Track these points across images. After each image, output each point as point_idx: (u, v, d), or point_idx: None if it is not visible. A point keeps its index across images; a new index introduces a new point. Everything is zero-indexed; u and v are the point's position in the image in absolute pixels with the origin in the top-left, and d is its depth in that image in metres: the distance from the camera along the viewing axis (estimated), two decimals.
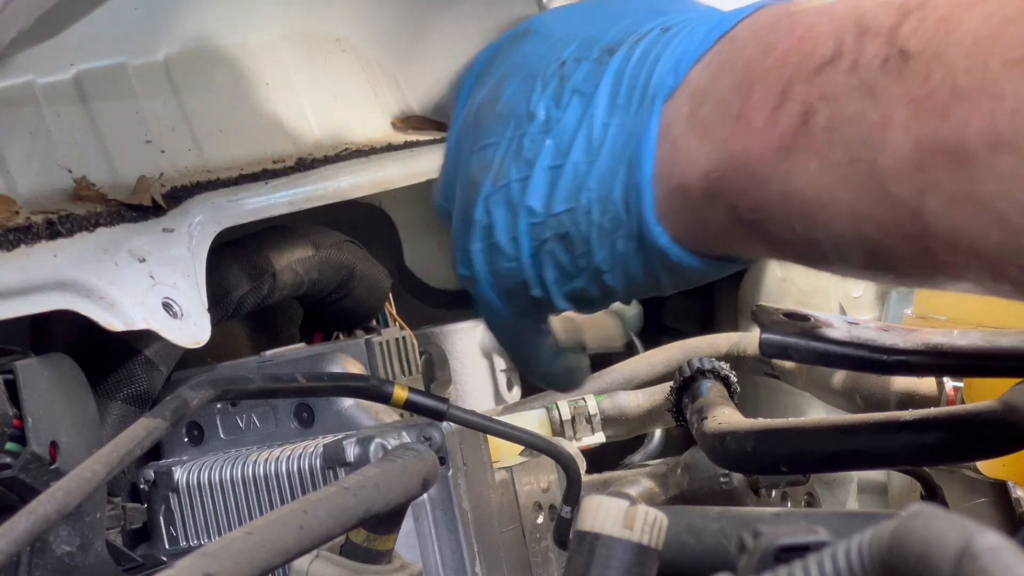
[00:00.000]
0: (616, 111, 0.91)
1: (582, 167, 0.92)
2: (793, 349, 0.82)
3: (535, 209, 0.94)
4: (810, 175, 0.79)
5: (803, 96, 0.80)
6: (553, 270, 0.95)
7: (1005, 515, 1.30)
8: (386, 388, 1.02)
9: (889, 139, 0.75)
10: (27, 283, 1.00)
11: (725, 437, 1.06)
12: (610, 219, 0.91)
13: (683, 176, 0.87)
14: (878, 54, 0.76)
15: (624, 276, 0.93)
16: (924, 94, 0.73)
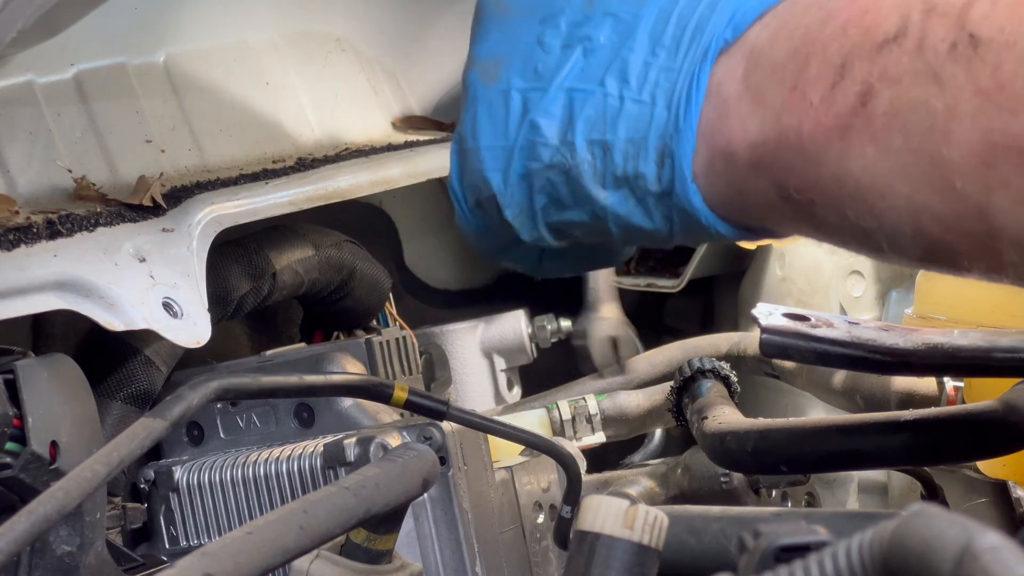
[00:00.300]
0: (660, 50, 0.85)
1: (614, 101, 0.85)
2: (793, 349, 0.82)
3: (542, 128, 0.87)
4: (867, 160, 0.76)
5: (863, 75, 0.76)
6: (544, 197, 0.88)
7: (1005, 515, 1.30)
8: (386, 388, 1.02)
9: (955, 130, 0.71)
10: (27, 283, 1.00)
11: (725, 437, 1.07)
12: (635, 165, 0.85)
13: (729, 141, 0.82)
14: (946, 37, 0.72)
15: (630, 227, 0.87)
16: (994, 86, 0.70)
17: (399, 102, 1.50)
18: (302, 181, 1.23)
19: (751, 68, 0.82)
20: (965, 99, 0.71)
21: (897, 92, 0.74)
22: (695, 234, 0.87)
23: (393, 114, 1.47)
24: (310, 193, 1.22)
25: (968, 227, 0.73)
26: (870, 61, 0.75)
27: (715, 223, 0.85)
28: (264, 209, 1.18)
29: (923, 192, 0.74)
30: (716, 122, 0.83)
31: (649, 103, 0.84)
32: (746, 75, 0.82)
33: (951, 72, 0.71)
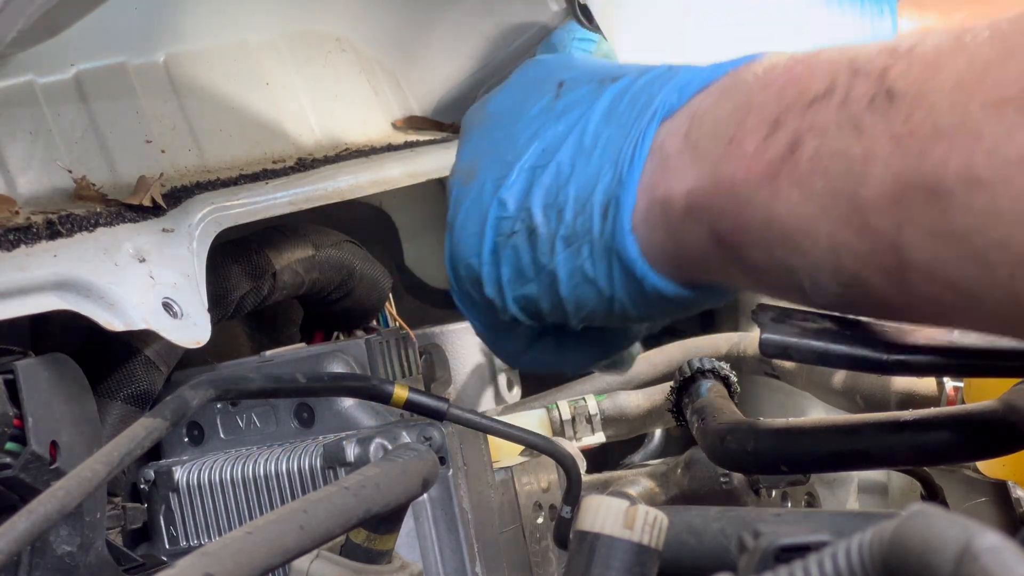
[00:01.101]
0: (612, 121, 0.92)
1: (566, 168, 0.93)
2: (793, 349, 0.82)
3: (507, 203, 0.95)
4: (792, 203, 0.81)
5: (794, 127, 0.82)
6: (510, 269, 0.95)
7: (1005, 515, 1.30)
8: (386, 388, 1.02)
9: (870, 172, 0.77)
10: (27, 283, 1.00)
11: (725, 437, 1.06)
12: (583, 220, 0.91)
13: (668, 190, 0.88)
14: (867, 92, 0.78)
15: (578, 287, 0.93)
16: (906, 131, 0.75)
17: (399, 102, 1.50)
18: (302, 181, 1.23)
19: (693, 127, 0.89)
20: (880, 144, 0.76)
21: (822, 141, 0.80)
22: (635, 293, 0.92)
23: (393, 114, 1.47)
24: (310, 193, 1.22)
25: (882, 262, 0.78)
26: (800, 116, 0.82)
27: (650, 274, 0.90)
28: (264, 209, 1.18)
29: (842, 231, 0.79)
30: (656, 175, 0.89)
31: (597, 165, 0.91)
32: (687, 133, 0.89)
33: (869, 122, 0.77)
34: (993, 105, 0.72)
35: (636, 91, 0.93)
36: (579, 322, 0.97)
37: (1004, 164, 0.71)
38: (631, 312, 0.94)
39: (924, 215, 0.75)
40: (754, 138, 0.84)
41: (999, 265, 0.73)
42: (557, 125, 0.95)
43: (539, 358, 1.04)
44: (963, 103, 0.73)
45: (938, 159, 0.74)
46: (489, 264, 0.96)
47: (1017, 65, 0.72)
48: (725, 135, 0.86)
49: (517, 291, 0.96)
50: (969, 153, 0.72)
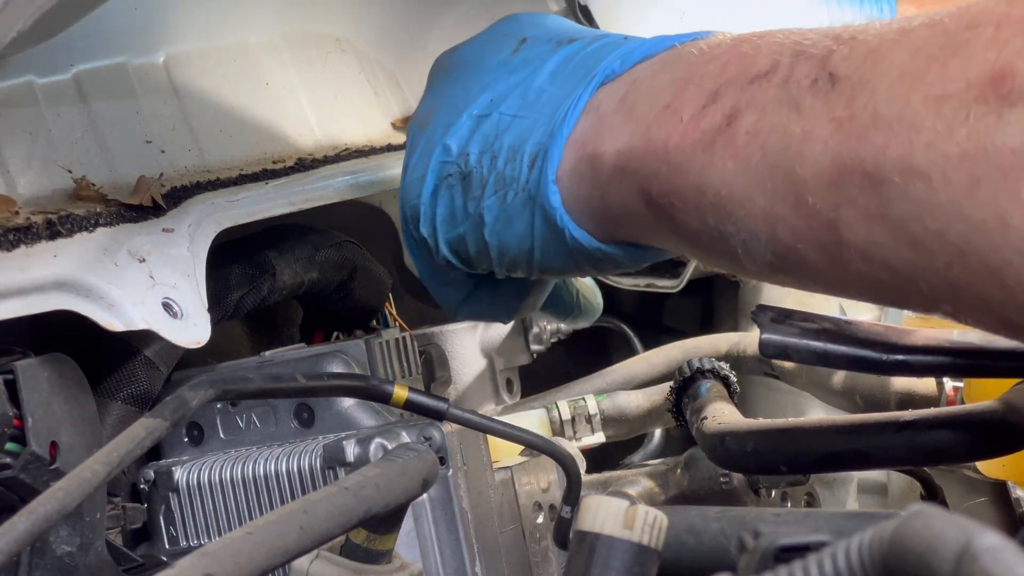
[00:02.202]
0: (557, 80, 0.96)
1: (506, 118, 0.97)
2: (793, 349, 0.82)
3: (450, 148, 0.99)
4: (726, 172, 0.83)
5: (733, 100, 0.84)
6: (444, 209, 1.00)
7: (1005, 515, 1.30)
8: (386, 388, 1.02)
9: (808, 152, 0.78)
10: (27, 283, 1.00)
11: (725, 437, 1.06)
12: (512, 168, 0.95)
13: (598, 147, 0.91)
14: (809, 74, 0.80)
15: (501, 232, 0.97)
16: (846, 115, 0.77)
17: (399, 103, 1.50)
18: (302, 181, 1.23)
19: (630, 91, 0.92)
20: (820, 125, 0.78)
21: (760, 116, 0.82)
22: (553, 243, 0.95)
23: (393, 115, 1.47)
24: (310, 193, 1.22)
25: (819, 238, 0.80)
26: (740, 90, 0.84)
27: (569, 225, 0.94)
28: (264, 209, 1.18)
29: (778, 205, 0.81)
30: (588, 132, 0.93)
31: (534, 119, 0.96)
32: (624, 96, 0.92)
33: (810, 103, 0.79)
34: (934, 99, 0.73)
35: (584, 55, 0.96)
36: (503, 269, 1.01)
37: (943, 158, 0.72)
38: (549, 262, 0.97)
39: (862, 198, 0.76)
40: (691, 107, 0.86)
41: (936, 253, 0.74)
42: (509, 78, 0.99)
43: (475, 308, 1.09)
44: (904, 94, 0.74)
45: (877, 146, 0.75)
46: (427, 205, 1.01)
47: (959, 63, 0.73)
48: (661, 100, 0.88)
49: (449, 233, 1.00)
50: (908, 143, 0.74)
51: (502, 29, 1.05)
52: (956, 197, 0.72)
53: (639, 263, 0.98)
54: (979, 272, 0.72)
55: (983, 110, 0.71)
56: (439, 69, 1.07)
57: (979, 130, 0.71)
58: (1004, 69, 0.70)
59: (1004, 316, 0.74)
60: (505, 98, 0.98)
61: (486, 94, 0.99)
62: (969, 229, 0.72)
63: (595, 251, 0.95)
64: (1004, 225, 0.70)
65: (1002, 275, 0.71)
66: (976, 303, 0.75)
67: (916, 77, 0.74)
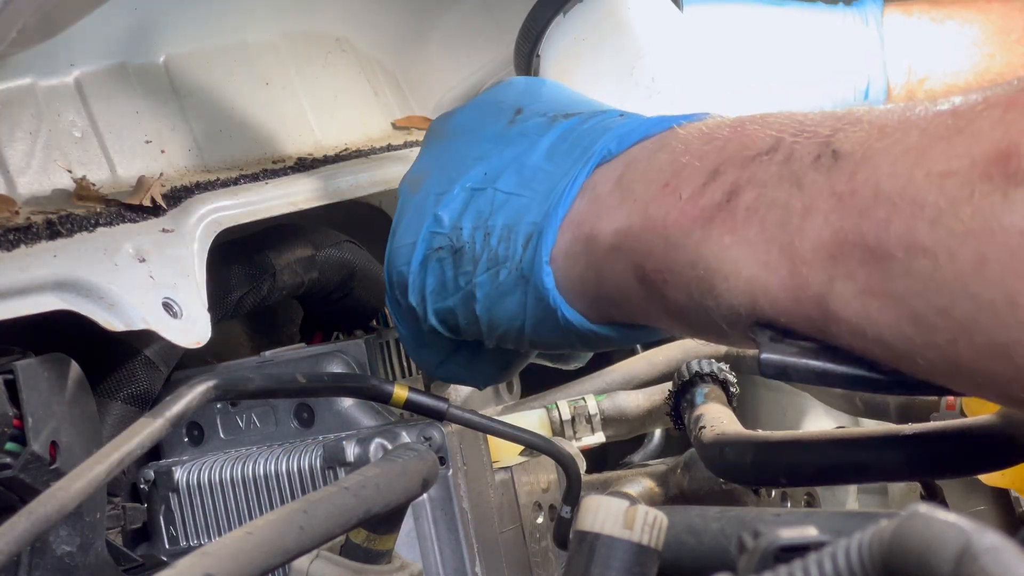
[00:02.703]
0: (553, 158, 0.95)
1: (501, 195, 0.96)
2: (792, 369, 0.82)
3: (442, 219, 0.98)
4: (721, 247, 0.82)
5: (733, 177, 0.83)
6: (434, 280, 0.99)
7: (1005, 515, 1.30)
8: (386, 388, 1.02)
9: (809, 225, 0.78)
10: (27, 283, 1.00)
11: (724, 448, 1.06)
12: (506, 247, 0.95)
13: (594, 227, 0.91)
14: (811, 151, 0.80)
15: (492, 308, 0.96)
16: (847, 190, 0.76)
17: (399, 102, 1.50)
18: (302, 181, 1.23)
19: (627, 172, 0.91)
20: (821, 200, 0.78)
21: (761, 192, 0.81)
22: (545, 322, 0.95)
23: (393, 114, 1.47)
24: (310, 193, 1.22)
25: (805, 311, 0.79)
26: (741, 168, 0.83)
27: (562, 306, 0.93)
28: (264, 209, 1.18)
29: (765, 276, 0.80)
30: (584, 213, 0.92)
31: (529, 198, 0.95)
32: (621, 177, 0.91)
33: (812, 179, 0.79)
34: (937, 175, 0.72)
35: (580, 133, 0.96)
36: (493, 341, 1.00)
37: (948, 235, 0.72)
38: (541, 339, 0.97)
39: (861, 273, 0.76)
40: (690, 185, 0.85)
41: (939, 330, 0.73)
42: (504, 152, 0.98)
43: (452, 371, 1.08)
44: (907, 170, 0.74)
45: (880, 221, 0.74)
46: (416, 274, 1.00)
47: (964, 141, 0.72)
48: (660, 180, 0.88)
49: (438, 304, 1.00)
50: (911, 219, 0.73)
51: (498, 96, 1.04)
52: (962, 275, 0.71)
53: (631, 343, 0.98)
54: (985, 350, 0.72)
55: (988, 188, 0.70)
56: (434, 133, 1.07)
57: (985, 209, 0.70)
58: (1010, 148, 0.70)
59: (1011, 393, 0.73)
60: (500, 173, 0.97)
61: (480, 166, 0.99)
62: (976, 307, 0.71)
63: (587, 332, 0.94)
64: (1014, 305, 0.70)
65: (1010, 353, 0.71)
66: (979, 380, 0.74)
67: (920, 154, 0.74)
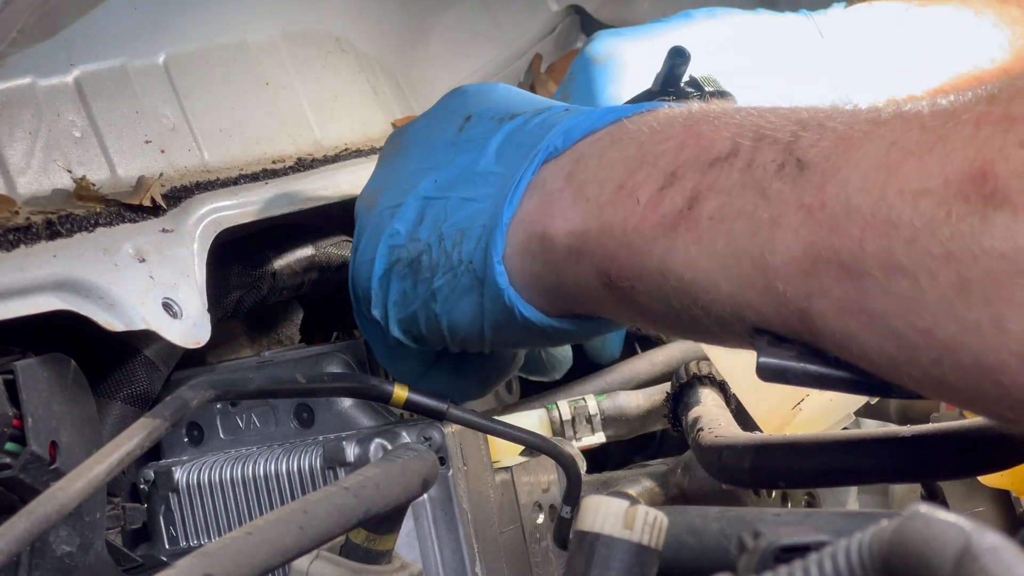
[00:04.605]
0: (501, 160, 0.95)
1: (454, 201, 0.96)
2: (791, 373, 0.81)
3: (399, 232, 0.99)
4: (690, 259, 0.81)
5: (692, 184, 0.82)
6: (396, 292, 1.00)
7: (1005, 515, 1.30)
8: (386, 388, 1.02)
9: (779, 239, 0.76)
10: (27, 283, 1.00)
11: (722, 452, 1.06)
12: (459, 251, 0.95)
13: (548, 227, 0.90)
14: (775, 159, 0.78)
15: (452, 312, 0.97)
16: (816, 204, 0.75)
17: (399, 102, 1.50)
18: (302, 181, 1.23)
19: (577, 169, 0.90)
20: (790, 212, 0.76)
21: (724, 201, 0.80)
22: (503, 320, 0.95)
23: (393, 114, 1.47)
24: (310, 193, 1.22)
25: (792, 326, 0.78)
26: (700, 173, 0.81)
27: (518, 303, 0.93)
28: (264, 209, 1.18)
29: (746, 292, 0.79)
30: (535, 212, 0.92)
31: (481, 200, 0.95)
32: (571, 174, 0.90)
33: (777, 188, 0.77)
34: (911, 194, 0.71)
35: (526, 132, 0.96)
36: (456, 346, 1.00)
37: (927, 257, 0.70)
38: (501, 339, 0.97)
39: (837, 289, 0.74)
40: (647, 188, 0.84)
41: (922, 350, 0.72)
42: (454, 160, 0.98)
43: (434, 383, 1.08)
44: (879, 186, 0.73)
45: (853, 238, 0.73)
46: (378, 288, 1.00)
47: (937, 158, 0.71)
48: (613, 181, 0.87)
49: (400, 313, 1.00)
50: (886, 238, 0.72)
51: (449, 105, 1.04)
52: (945, 297, 0.70)
53: (594, 335, 0.97)
54: (972, 370, 0.71)
55: (965, 210, 0.69)
56: (389, 148, 1.07)
57: (964, 231, 0.69)
58: (985, 168, 0.69)
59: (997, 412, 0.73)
60: (452, 182, 0.97)
61: (432, 175, 0.99)
62: (960, 329, 0.70)
63: (547, 327, 0.94)
64: (1000, 328, 0.69)
65: (997, 375, 0.70)
66: (964, 397, 0.74)
67: (891, 170, 0.72)
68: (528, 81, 1.64)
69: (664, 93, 1.25)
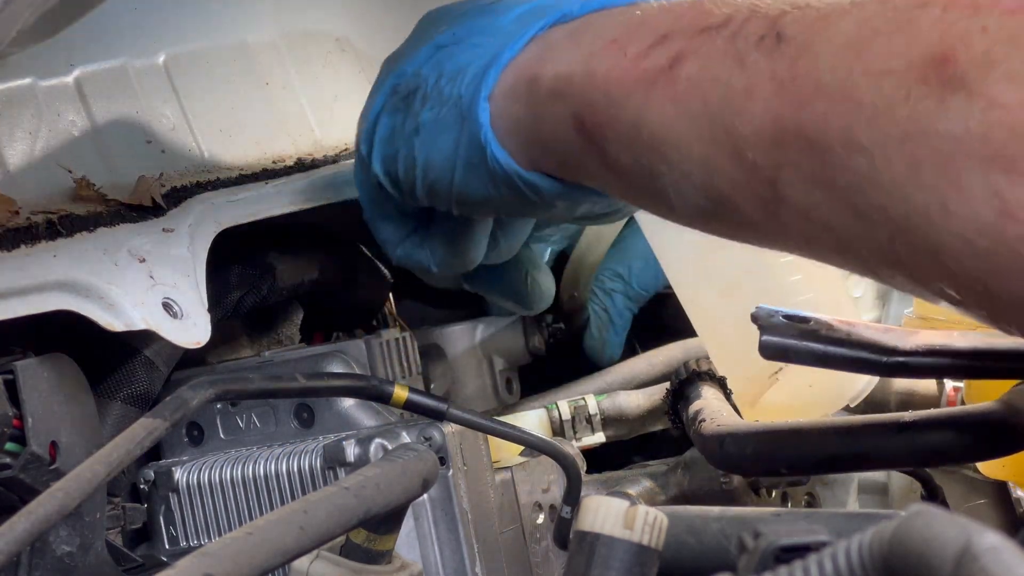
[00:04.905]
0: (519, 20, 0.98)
1: (462, 47, 0.99)
2: (792, 351, 0.82)
3: (406, 71, 1.02)
4: (665, 115, 0.83)
5: (679, 46, 0.84)
6: (386, 128, 1.02)
7: (1006, 515, 1.30)
8: (386, 388, 1.02)
9: (750, 109, 0.78)
10: (27, 283, 1.00)
11: (724, 440, 1.06)
12: (452, 86, 0.97)
13: (538, 69, 0.93)
14: (757, 31, 0.80)
15: (429, 148, 0.98)
16: (788, 77, 0.77)
17: None
18: (302, 181, 1.23)
19: (581, 27, 0.93)
20: (762, 83, 0.78)
21: (704, 64, 0.82)
22: (475, 162, 0.96)
23: None
24: (310, 193, 1.22)
25: (757, 192, 0.80)
26: (688, 38, 0.84)
27: (492, 142, 0.95)
28: (264, 209, 1.18)
29: (717, 156, 0.81)
30: (531, 58, 0.94)
31: (485, 47, 0.97)
32: (574, 31, 0.93)
33: (754, 59, 0.79)
34: (875, 74, 0.73)
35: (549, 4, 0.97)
36: (425, 193, 1.01)
37: (884, 137, 0.72)
38: (468, 189, 0.98)
39: (803, 162, 0.76)
40: (637, 45, 0.86)
41: (879, 226, 0.74)
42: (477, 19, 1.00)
43: (408, 251, 1.10)
44: (846, 65, 0.74)
45: (819, 114, 0.75)
46: (372, 122, 1.03)
47: (903, 40, 0.72)
48: (607, 36, 0.89)
49: (386, 150, 1.02)
50: (849, 117, 0.73)
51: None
52: (898, 178, 0.72)
53: (558, 199, 0.97)
54: (920, 250, 0.73)
55: (924, 91, 0.70)
56: (424, 19, 1.10)
57: (920, 112, 0.70)
58: (947, 52, 0.70)
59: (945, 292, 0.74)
60: (469, 33, 1.00)
61: (451, 30, 1.02)
62: (910, 210, 0.72)
63: (514, 175, 0.95)
64: (945, 211, 0.70)
65: (942, 257, 0.72)
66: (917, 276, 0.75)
67: (860, 49, 0.74)
68: None
69: None
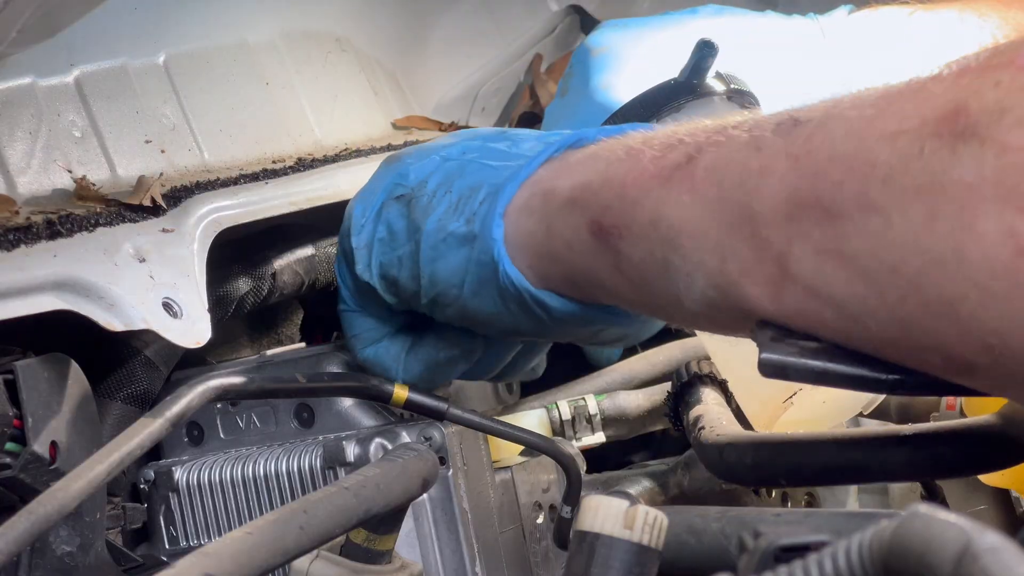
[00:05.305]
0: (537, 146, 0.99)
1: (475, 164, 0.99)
2: (792, 369, 0.81)
3: (408, 175, 1.01)
4: (682, 205, 0.84)
5: (696, 142, 0.85)
6: (385, 229, 1.01)
7: (1006, 515, 1.30)
8: (386, 388, 1.02)
9: (766, 186, 0.79)
10: (27, 283, 1.00)
11: (724, 449, 1.06)
12: (464, 203, 0.97)
13: (554, 183, 0.94)
14: (773, 120, 0.81)
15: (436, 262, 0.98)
16: (803, 152, 0.78)
17: (399, 102, 1.50)
18: (302, 181, 1.23)
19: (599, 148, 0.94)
20: (778, 162, 0.79)
21: (720, 153, 0.83)
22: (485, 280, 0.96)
23: (393, 114, 1.47)
24: (310, 193, 1.22)
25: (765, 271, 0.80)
26: (707, 136, 0.86)
27: (504, 259, 0.95)
28: (264, 209, 1.18)
29: (731, 238, 0.81)
30: (548, 175, 0.95)
31: (501, 168, 0.98)
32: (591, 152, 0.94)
33: (771, 142, 0.80)
34: (889, 135, 0.74)
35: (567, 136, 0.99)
36: (428, 301, 1.00)
37: (900, 192, 0.73)
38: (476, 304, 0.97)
39: (816, 233, 0.77)
40: (653, 152, 0.88)
41: (889, 288, 0.74)
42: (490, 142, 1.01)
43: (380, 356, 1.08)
44: (861, 132, 0.75)
45: (834, 182, 0.76)
46: (371, 221, 1.02)
47: (915, 103, 0.74)
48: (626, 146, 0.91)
49: (385, 255, 1.01)
50: (864, 179, 0.74)
51: None
52: (913, 231, 0.72)
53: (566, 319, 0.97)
54: (933, 306, 0.73)
55: (937, 144, 0.71)
56: None
57: (934, 164, 0.71)
58: (958, 106, 0.71)
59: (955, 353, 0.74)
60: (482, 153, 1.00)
61: (462, 144, 1.02)
62: (926, 263, 0.72)
63: (524, 292, 0.95)
64: (961, 258, 0.70)
65: (957, 309, 0.71)
66: (925, 340, 0.75)
67: (874, 116, 0.75)
68: (528, 81, 1.64)
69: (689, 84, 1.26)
